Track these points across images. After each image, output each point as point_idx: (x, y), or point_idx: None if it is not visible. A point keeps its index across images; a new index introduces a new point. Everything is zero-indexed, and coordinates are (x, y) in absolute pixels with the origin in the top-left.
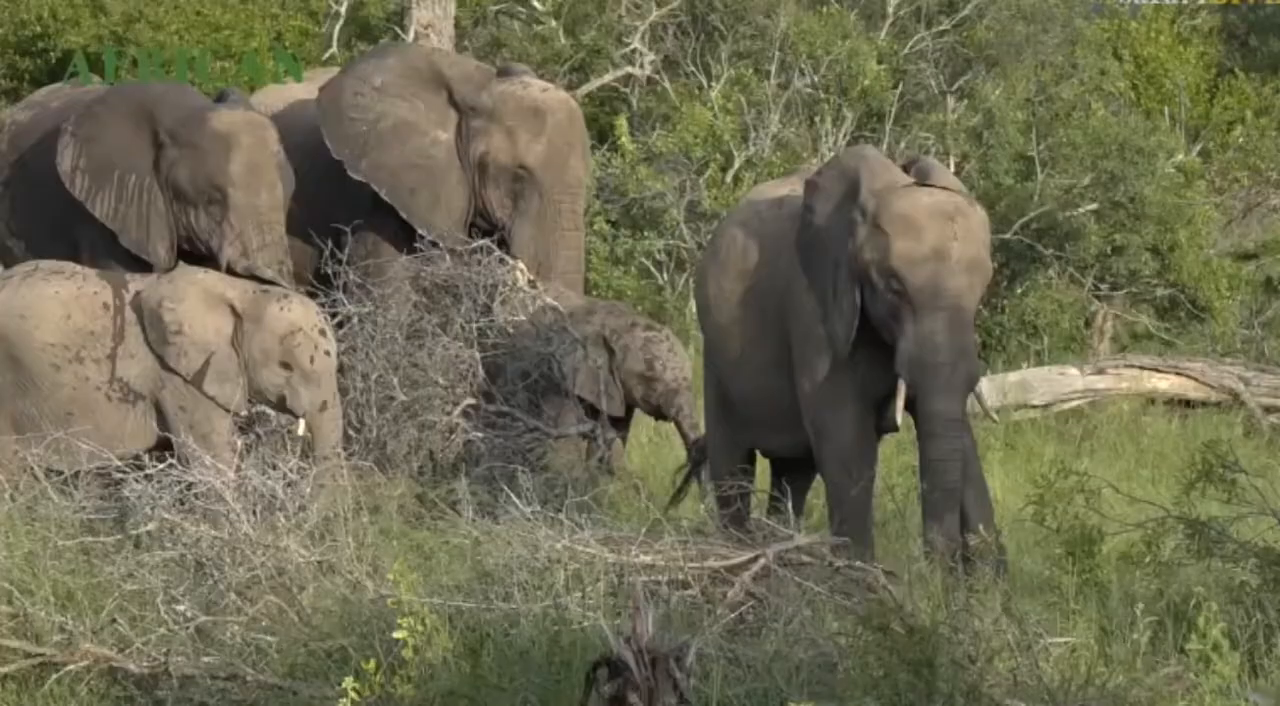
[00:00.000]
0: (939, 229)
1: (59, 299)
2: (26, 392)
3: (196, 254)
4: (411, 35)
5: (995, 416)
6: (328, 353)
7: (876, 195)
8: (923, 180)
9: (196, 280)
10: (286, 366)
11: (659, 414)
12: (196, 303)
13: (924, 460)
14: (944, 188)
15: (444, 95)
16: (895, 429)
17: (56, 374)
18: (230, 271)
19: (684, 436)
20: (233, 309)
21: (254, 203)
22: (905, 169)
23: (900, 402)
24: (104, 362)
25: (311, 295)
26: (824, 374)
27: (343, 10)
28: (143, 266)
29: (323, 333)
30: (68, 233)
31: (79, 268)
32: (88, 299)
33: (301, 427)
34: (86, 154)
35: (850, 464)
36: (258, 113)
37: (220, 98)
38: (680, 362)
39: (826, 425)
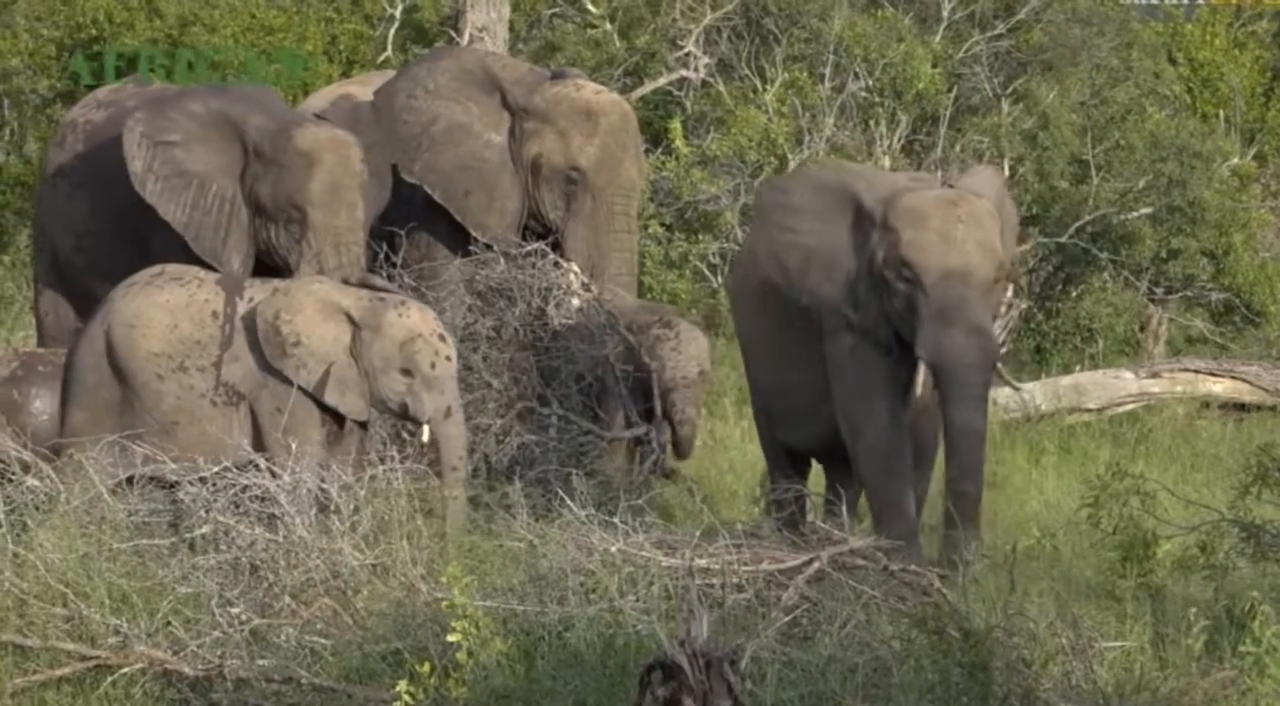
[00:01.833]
0: (943, 214)
1: (168, 307)
2: (132, 403)
3: (273, 266)
4: (466, 39)
5: (1017, 386)
6: (449, 358)
7: (883, 201)
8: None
9: (312, 290)
10: (407, 373)
11: (664, 411)
12: (313, 313)
13: (948, 431)
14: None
15: (497, 98)
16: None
17: (160, 384)
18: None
19: (674, 432)
20: (350, 318)
21: (333, 223)
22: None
23: (920, 379)
24: (209, 370)
25: None
26: (853, 373)
27: (397, 14)
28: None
29: (442, 338)
30: (141, 235)
31: (200, 273)
32: (197, 307)
33: (425, 435)
34: (161, 157)
35: (885, 459)
36: (344, 131)
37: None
38: (683, 361)
39: (860, 423)
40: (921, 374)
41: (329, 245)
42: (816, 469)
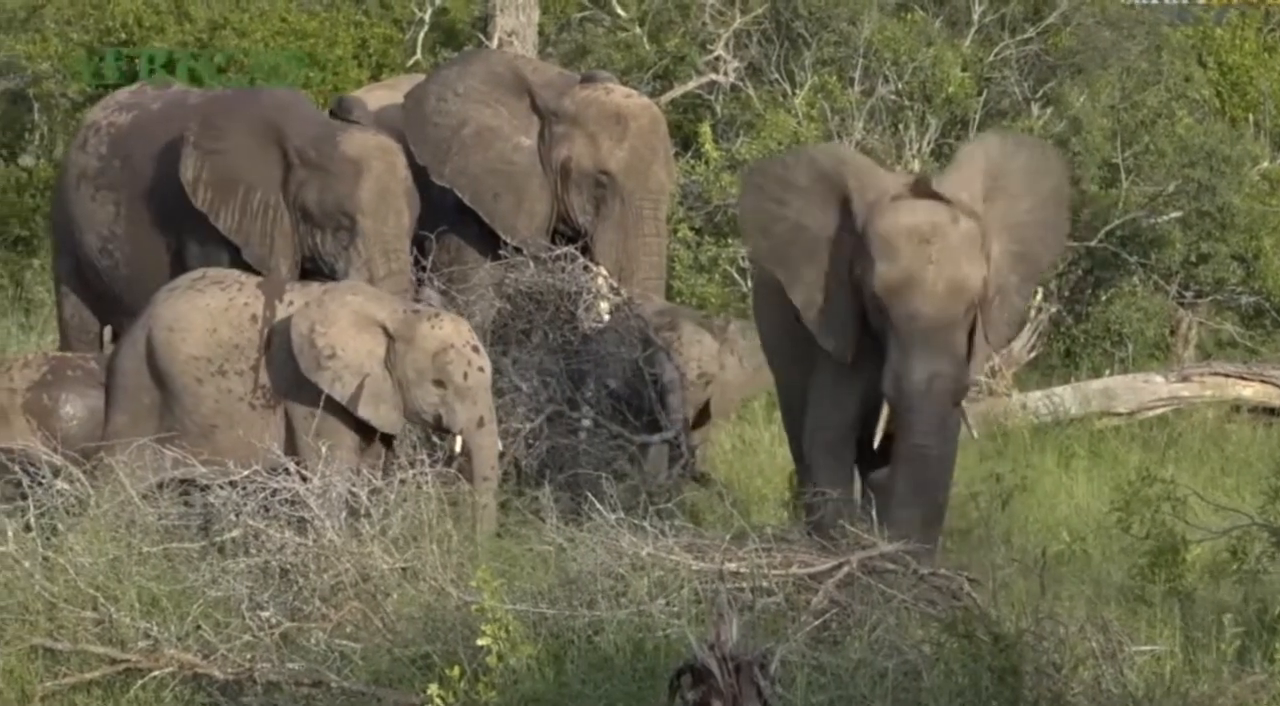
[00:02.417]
0: (914, 252)
1: (207, 311)
2: (172, 406)
3: (319, 272)
4: (495, 42)
5: (976, 435)
6: (481, 368)
7: (869, 208)
8: (919, 190)
9: (347, 302)
10: (440, 384)
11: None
12: (348, 326)
13: (896, 457)
14: (937, 197)
15: (527, 101)
16: (873, 445)
17: (199, 387)
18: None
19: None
20: (384, 330)
21: (381, 230)
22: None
23: (882, 422)
24: (247, 374)
25: None
26: (828, 373)
27: (427, 18)
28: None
29: (475, 349)
30: (174, 240)
31: (241, 277)
32: (236, 311)
33: (458, 445)
34: (210, 166)
35: (823, 465)
36: (387, 136)
37: (339, 106)
38: (681, 362)
39: (816, 420)
40: (883, 418)
41: (378, 252)
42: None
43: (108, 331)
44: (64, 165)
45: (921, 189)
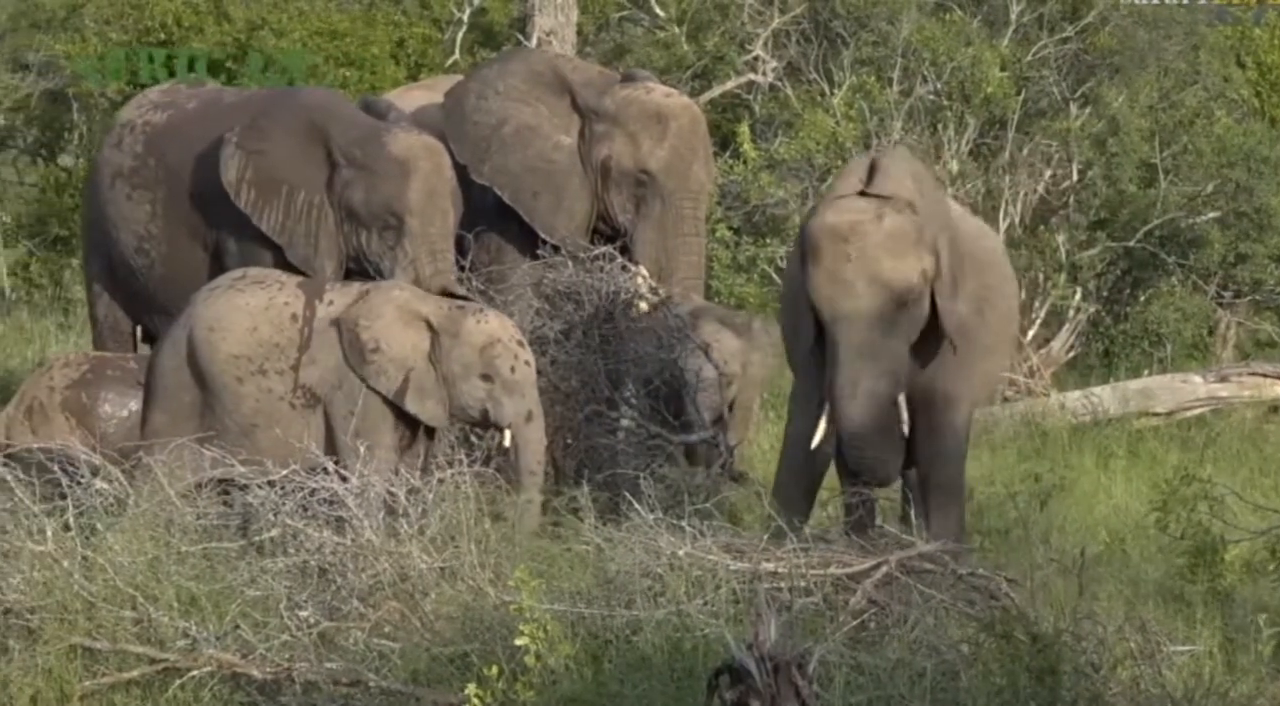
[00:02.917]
0: (833, 251)
1: (247, 310)
2: (212, 406)
3: (363, 273)
4: (534, 42)
5: (905, 427)
6: (528, 363)
7: (811, 211)
8: (866, 186)
9: (392, 298)
10: (487, 378)
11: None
12: (393, 320)
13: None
14: (876, 195)
15: (567, 100)
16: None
17: (239, 386)
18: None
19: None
20: (429, 324)
21: (428, 230)
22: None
23: (825, 419)
24: (287, 373)
25: None
26: (801, 377)
27: (465, 17)
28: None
29: (521, 343)
30: (211, 239)
31: (282, 276)
32: (276, 310)
33: (507, 439)
34: (253, 166)
35: (790, 462)
36: (430, 136)
37: (367, 107)
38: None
39: (791, 418)
40: (825, 414)
41: (424, 252)
42: None
43: (138, 330)
44: (97, 164)
45: (863, 186)
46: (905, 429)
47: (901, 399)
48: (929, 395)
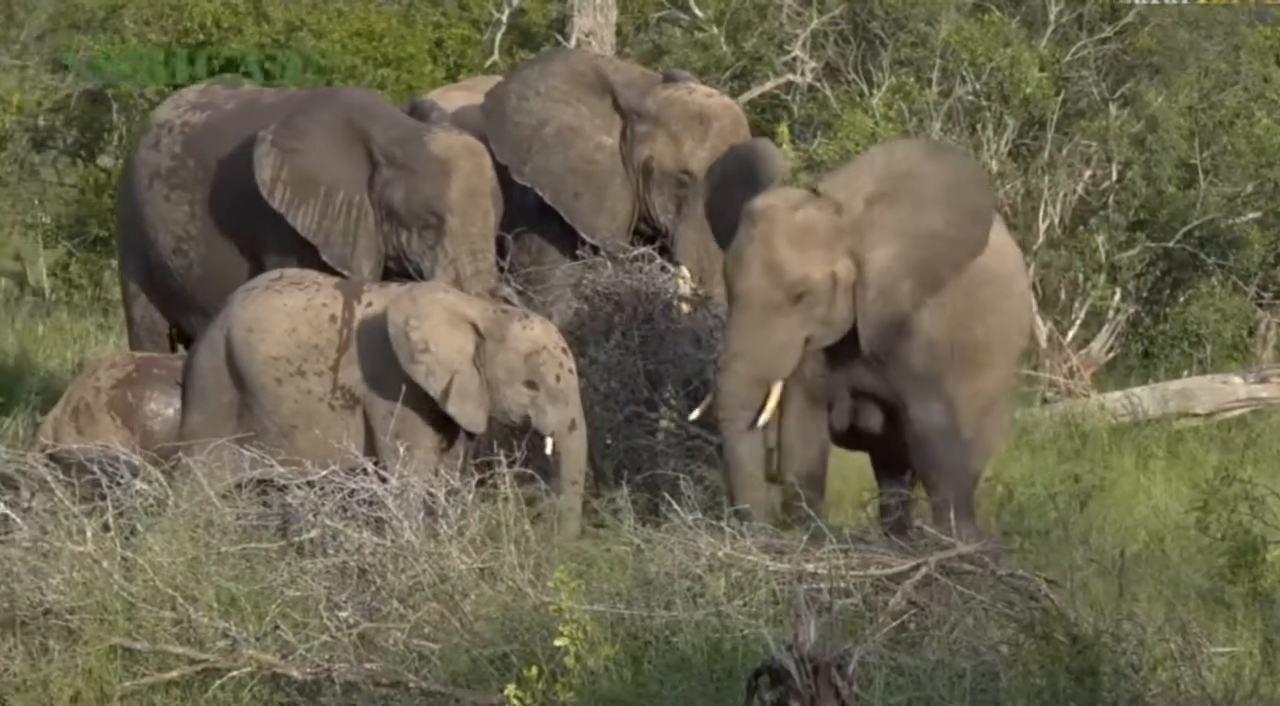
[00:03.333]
0: (744, 231)
1: (285, 312)
2: (250, 407)
3: (401, 273)
4: (573, 42)
5: (762, 419)
6: (571, 371)
7: None
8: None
9: (439, 299)
10: (532, 385)
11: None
12: (441, 321)
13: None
14: (807, 186)
15: (608, 100)
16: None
17: (279, 388)
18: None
19: None
20: (475, 328)
21: (468, 230)
22: None
23: (771, 401)
24: (326, 375)
25: None
26: None
27: (504, 18)
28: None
29: (565, 351)
30: (250, 240)
31: (319, 277)
32: (315, 311)
33: (549, 447)
34: (289, 165)
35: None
36: (471, 136)
37: (414, 109)
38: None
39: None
40: (772, 397)
41: (464, 252)
42: None
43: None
44: (133, 164)
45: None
46: (761, 420)
47: (775, 392)
48: (895, 409)
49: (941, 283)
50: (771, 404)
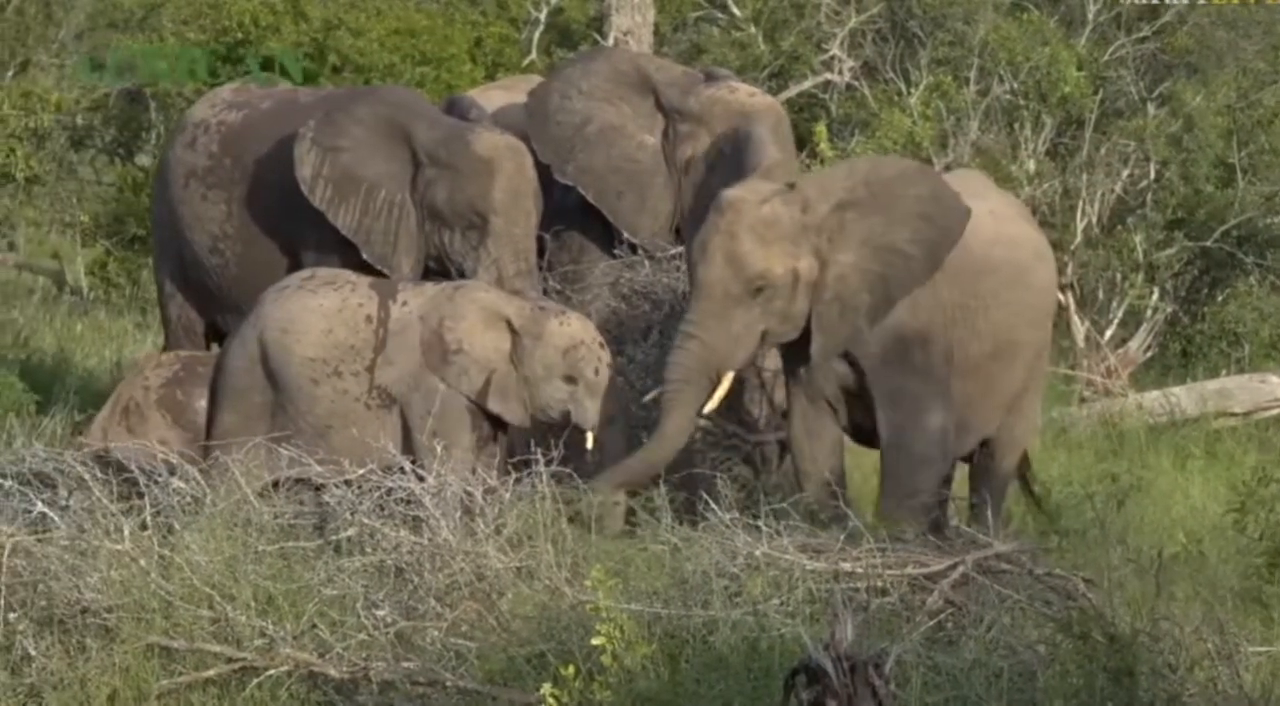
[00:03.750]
0: (711, 220)
1: (321, 312)
2: (284, 407)
3: (441, 272)
4: (611, 41)
5: (706, 413)
6: (610, 365)
7: None
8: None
9: (474, 298)
10: (571, 380)
11: None
12: (476, 321)
13: None
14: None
15: (651, 99)
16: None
17: (315, 388)
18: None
19: None
20: (510, 326)
21: (512, 230)
22: None
23: (721, 390)
24: (363, 375)
25: None
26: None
27: (542, 17)
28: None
29: (602, 346)
30: (288, 239)
31: (352, 276)
32: (351, 312)
33: (590, 442)
34: (331, 163)
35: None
36: (514, 136)
37: (450, 106)
38: (761, 358)
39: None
40: (721, 386)
41: (508, 252)
42: (962, 471)
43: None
44: (167, 163)
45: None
46: (708, 407)
47: (725, 382)
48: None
49: (891, 302)
50: (720, 392)
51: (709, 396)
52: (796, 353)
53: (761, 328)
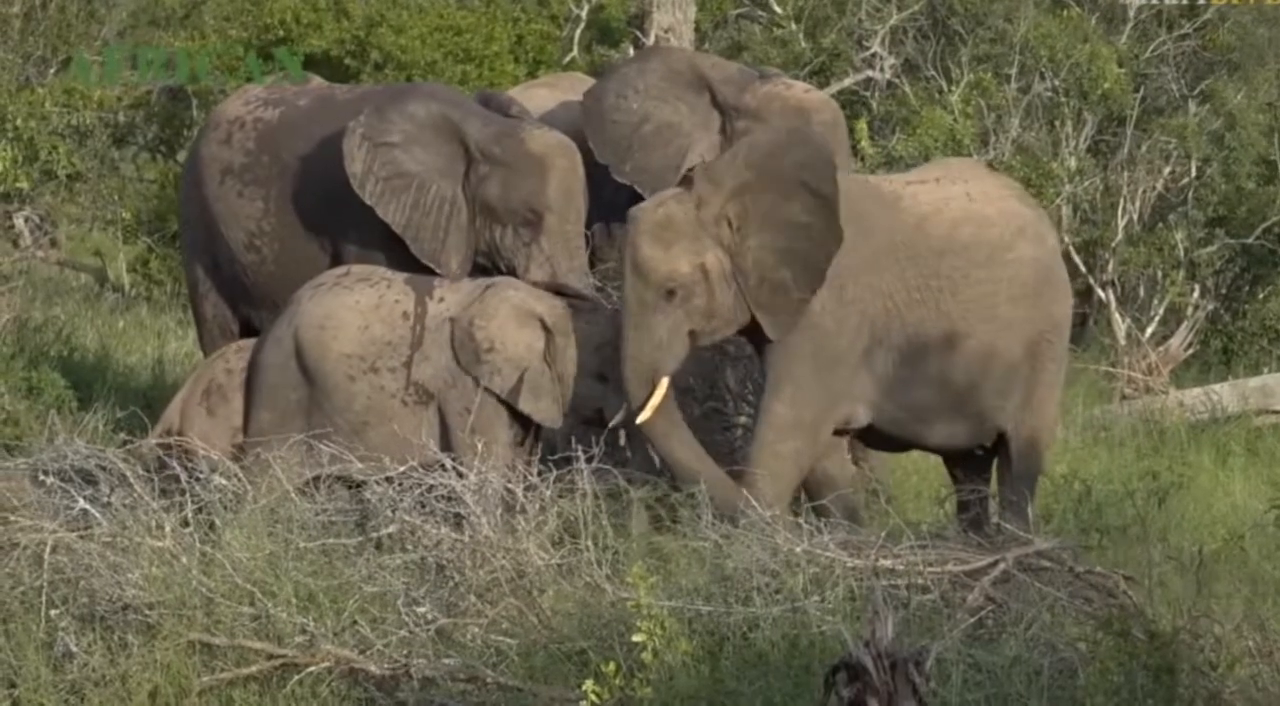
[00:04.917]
0: (627, 233)
1: (358, 309)
2: (320, 403)
3: (492, 268)
4: (651, 39)
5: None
6: None
7: None
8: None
9: (506, 297)
10: (603, 378)
11: None
12: (507, 320)
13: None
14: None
15: (707, 97)
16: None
17: (351, 385)
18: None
19: None
20: (543, 324)
21: (564, 227)
22: None
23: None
24: (400, 371)
25: None
26: None
27: (583, 14)
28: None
29: None
30: (328, 236)
31: (387, 273)
32: (387, 308)
33: (624, 438)
34: (381, 159)
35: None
36: (564, 134)
37: (484, 102)
38: None
39: None
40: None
41: (561, 250)
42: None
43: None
44: (199, 161)
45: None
46: (644, 414)
47: (661, 387)
48: None
49: (819, 269)
50: (656, 398)
51: (648, 401)
52: (759, 342)
53: (687, 328)
